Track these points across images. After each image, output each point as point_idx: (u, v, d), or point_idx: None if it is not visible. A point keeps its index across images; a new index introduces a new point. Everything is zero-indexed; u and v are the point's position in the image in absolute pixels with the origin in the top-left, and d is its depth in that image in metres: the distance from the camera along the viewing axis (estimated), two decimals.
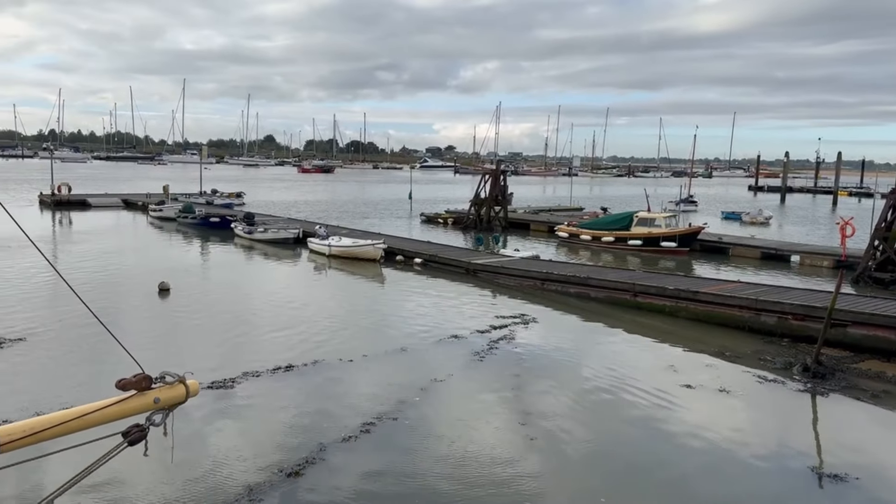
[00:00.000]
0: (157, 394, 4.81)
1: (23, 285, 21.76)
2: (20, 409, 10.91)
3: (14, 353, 14.49)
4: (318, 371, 14.02)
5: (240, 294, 22.47)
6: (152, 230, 40.32)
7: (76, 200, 51.61)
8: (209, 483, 9.05)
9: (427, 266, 27.96)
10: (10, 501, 8.15)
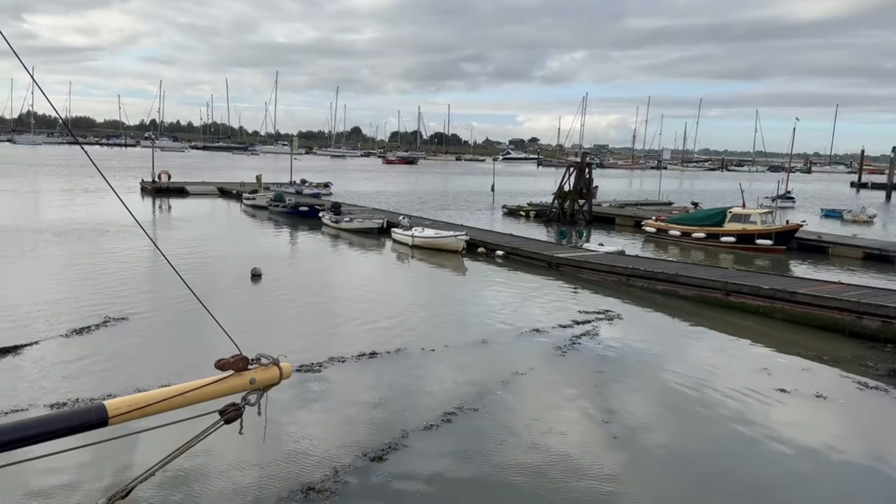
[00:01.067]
0: (252, 374, 4.99)
1: (124, 267, 23.07)
2: (122, 385, 11.59)
3: (117, 331, 15.38)
4: (401, 359, 14.22)
5: (326, 281, 23.06)
6: (245, 218, 41.90)
7: (175, 188, 54.22)
8: (298, 462, 9.36)
9: (508, 259, 27.85)
10: (115, 473, 8.67)
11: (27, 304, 17.22)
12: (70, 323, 15.41)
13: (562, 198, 43.74)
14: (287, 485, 8.75)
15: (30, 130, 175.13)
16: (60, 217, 36.22)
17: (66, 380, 12.09)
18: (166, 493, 8.28)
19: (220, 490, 8.57)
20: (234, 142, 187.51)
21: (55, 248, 26.44)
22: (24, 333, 14.45)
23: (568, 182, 43.74)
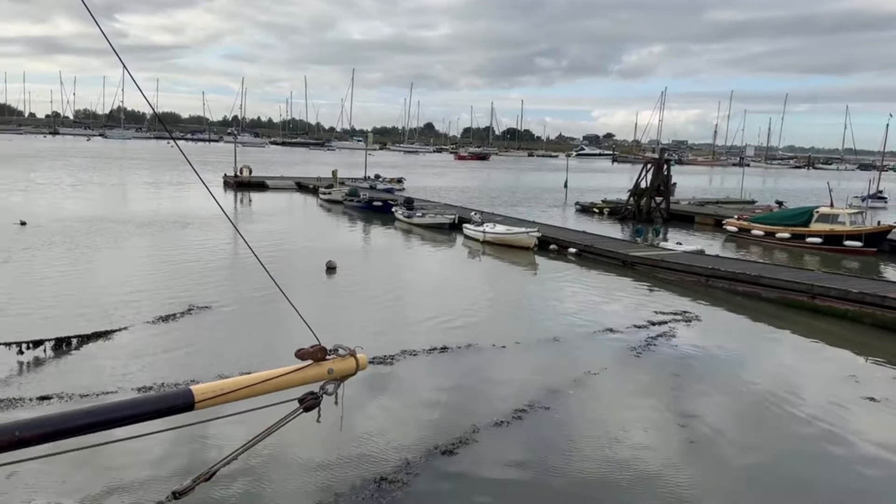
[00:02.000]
0: (330, 365, 5.08)
1: (206, 258, 23.98)
2: (204, 371, 12.05)
3: (200, 319, 15.99)
4: (472, 354, 14.24)
5: (398, 275, 23.32)
6: (321, 212, 42.83)
7: (256, 182, 55.92)
8: (371, 452, 9.51)
9: (581, 256, 27.47)
10: (198, 455, 9.02)
11: (116, 291, 18.13)
12: (156, 310, 16.12)
13: (638, 195, 42.78)
14: (360, 474, 8.91)
15: (120, 125, 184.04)
16: (145, 209, 37.94)
17: (152, 364, 12.66)
18: (247, 476, 8.57)
19: (297, 475, 8.81)
20: (311, 138, 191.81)
21: (140, 239, 27.72)
22: (114, 320, 15.20)
23: (645, 179, 42.75)
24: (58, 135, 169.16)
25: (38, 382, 11.49)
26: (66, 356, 12.85)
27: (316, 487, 8.57)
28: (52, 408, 10.26)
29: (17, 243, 24.52)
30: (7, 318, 15.08)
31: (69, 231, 27.80)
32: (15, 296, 17.25)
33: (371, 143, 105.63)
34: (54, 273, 20.26)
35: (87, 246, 24.99)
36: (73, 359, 12.80)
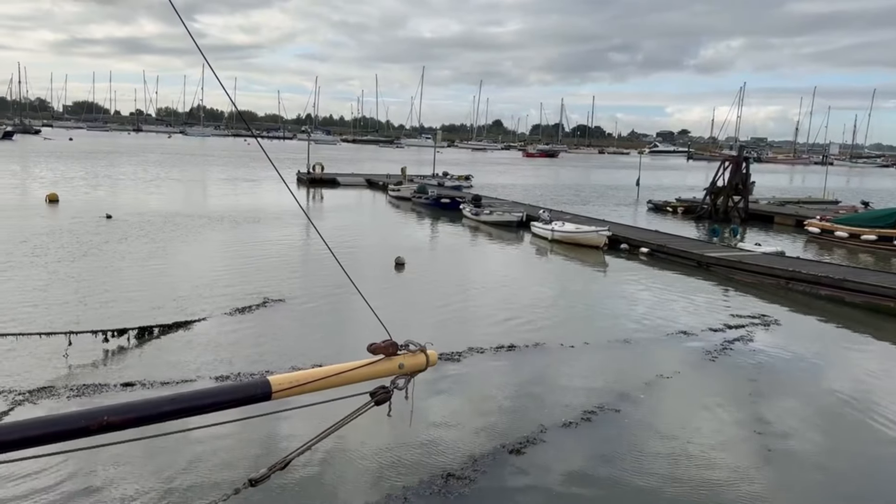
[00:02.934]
0: (401, 360, 5.11)
1: (280, 252, 24.60)
2: (278, 362, 12.36)
3: (275, 311, 16.41)
4: (540, 354, 14.11)
5: (466, 272, 23.34)
6: (390, 208, 43.32)
7: (328, 179, 57.06)
8: (439, 448, 9.55)
9: (654, 256, 26.83)
10: (273, 445, 9.26)
11: (195, 283, 18.80)
12: (233, 302, 16.63)
13: (715, 193, 41.48)
14: (428, 468, 8.95)
15: (199, 123, 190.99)
16: (220, 204, 39.21)
17: (229, 354, 13.07)
18: (319, 466, 8.74)
19: (367, 467, 8.92)
20: (381, 135, 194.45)
21: (216, 233, 28.66)
22: (193, 310, 15.77)
23: (722, 177, 41.41)
24: (141, 132, 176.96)
25: (121, 369, 12.04)
26: (147, 344, 13.41)
27: (385, 479, 8.66)
28: (134, 394, 10.73)
29: (103, 236, 25.76)
30: (92, 307, 15.85)
31: (150, 224, 29.03)
32: (100, 286, 18.12)
33: (439, 141, 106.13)
34: (136, 264, 21.19)
35: (167, 239, 26.03)
36: (155, 347, 13.35)
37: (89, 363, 12.18)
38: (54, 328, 12.62)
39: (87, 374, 11.71)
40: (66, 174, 53.20)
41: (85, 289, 17.58)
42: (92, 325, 13.23)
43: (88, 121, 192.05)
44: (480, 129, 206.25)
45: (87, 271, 19.74)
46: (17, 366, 11.65)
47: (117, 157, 79.01)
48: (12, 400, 10.39)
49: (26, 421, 3.34)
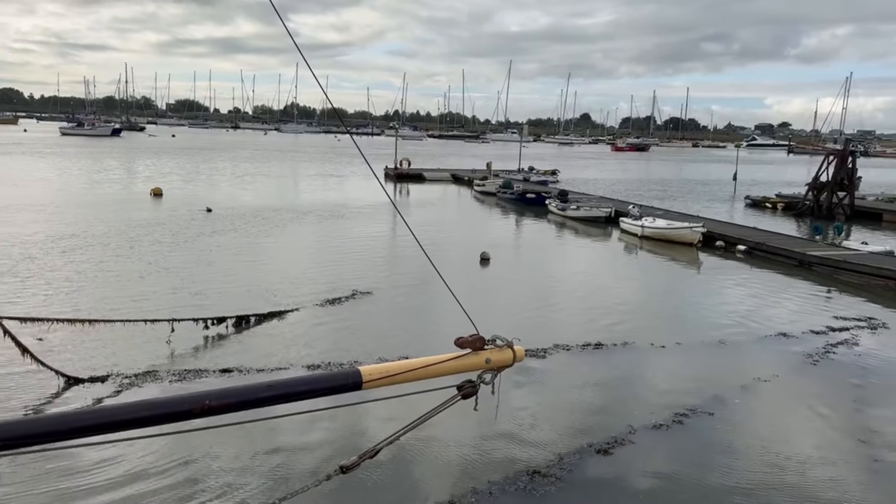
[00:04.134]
0: (488, 355, 5.10)
1: (367, 246, 25.08)
2: (366, 353, 12.61)
3: (363, 303, 16.75)
4: (628, 353, 13.79)
5: (552, 268, 23.09)
6: (475, 203, 43.40)
7: (414, 174, 57.76)
8: (524, 444, 9.50)
9: (751, 254, 25.70)
10: (360, 434, 9.46)
11: (288, 275, 19.45)
12: (324, 294, 17.09)
13: (818, 189, 39.30)
14: (513, 464, 8.92)
15: (293, 120, 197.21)
16: (311, 198, 40.31)
17: (320, 344, 13.45)
18: (407, 456, 8.86)
19: (453, 459, 8.98)
20: (466, 130, 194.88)
21: (307, 226, 29.52)
22: (286, 300, 16.30)
23: (826, 172, 39.17)
24: (238, 129, 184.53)
25: (219, 356, 12.59)
26: (244, 333, 13.98)
27: (470, 473, 8.69)
28: (232, 380, 11.20)
29: (202, 228, 27.02)
30: (192, 295, 16.64)
31: (246, 218, 30.22)
32: (198, 275, 19.03)
33: (525, 136, 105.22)
34: (232, 256, 22.12)
35: (260, 232, 27.03)
36: (251, 335, 13.89)
37: (190, 349, 12.81)
38: (158, 316, 13.31)
39: (187, 359, 12.32)
40: (169, 169, 56.13)
41: (185, 278, 18.51)
42: (192, 313, 13.88)
43: (190, 118, 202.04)
44: (567, 122, 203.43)
45: (187, 261, 20.77)
46: (124, 351, 12.38)
47: (216, 153, 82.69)
48: (120, 383, 11.06)
49: (136, 403, 3.53)
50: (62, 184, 42.86)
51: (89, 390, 10.74)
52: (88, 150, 76.05)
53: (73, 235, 23.96)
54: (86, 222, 26.97)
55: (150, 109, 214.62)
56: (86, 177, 48.24)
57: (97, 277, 18.21)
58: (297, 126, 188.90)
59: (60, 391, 10.67)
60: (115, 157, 69.42)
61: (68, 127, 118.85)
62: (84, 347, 12.34)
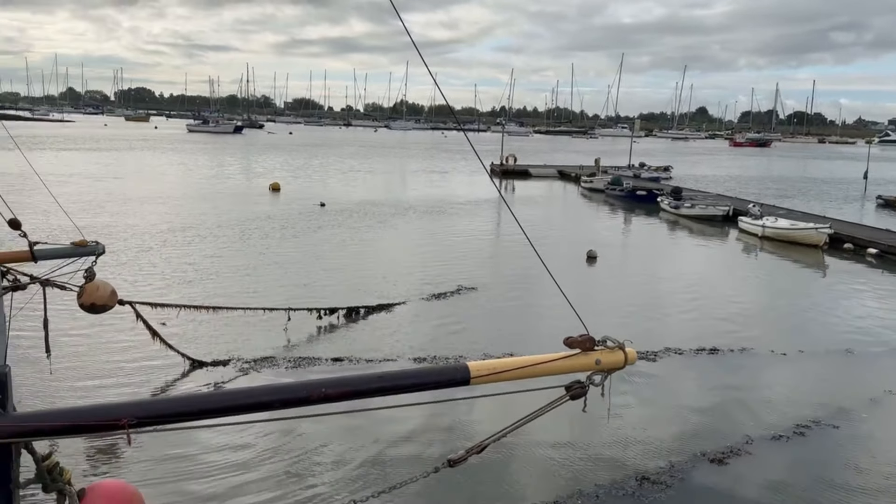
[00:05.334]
0: (598, 356, 4.98)
1: (471, 242, 25.24)
2: (471, 349, 12.66)
3: (468, 299, 16.84)
4: (745, 359, 13.12)
5: (663, 268, 22.33)
6: (582, 200, 42.65)
7: (520, 170, 57.46)
8: (633, 448, 9.26)
9: (884, 258, 23.82)
10: (465, 429, 9.53)
11: (395, 269, 19.87)
12: (430, 288, 17.32)
13: None
14: (621, 468, 8.71)
15: (402, 117, 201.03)
16: (417, 194, 40.87)
17: (426, 337, 13.65)
18: (512, 453, 8.83)
19: (559, 459, 8.87)
20: (574, 126, 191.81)
21: (412, 221, 29.99)
22: (394, 294, 16.64)
23: None
24: (350, 126, 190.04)
25: (332, 345, 13.03)
26: (354, 323, 14.40)
27: (576, 474, 8.56)
28: (343, 369, 11.57)
29: (317, 222, 28.06)
30: (304, 287, 17.30)
31: (356, 213, 31.10)
32: (311, 267, 19.80)
33: (637, 130, 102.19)
34: (342, 249, 22.84)
35: (368, 226, 27.75)
36: (361, 327, 14.30)
37: (304, 338, 13.34)
38: (274, 305, 13.93)
39: (302, 347, 12.84)
40: (286, 165, 58.64)
41: (299, 269, 19.31)
42: (305, 303, 14.43)
43: (305, 116, 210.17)
44: (682, 117, 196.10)
45: (298, 254, 21.64)
46: (243, 337, 13.06)
47: (328, 149, 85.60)
48: (240, 367, 11.68)
49: (257, 387, 3.70)
50: (186, 178, 45.74)
51: (211, 373, 11.41)
52: (212, 147, 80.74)
53: (193, 227, 25.51)
54: (206, 215, 28.65)
55: (269, 108, 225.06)
56: (209, 171, 51.27)
57: (214, 267, 19.29)
58: (405, 123, 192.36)
59: (186, 373, 11.39)
60: (236, 153, 73.33)
61: (194, 124, 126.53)
62: (205, 333, 13.10)
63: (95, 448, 8.53)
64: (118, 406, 3.43)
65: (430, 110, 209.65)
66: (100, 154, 62.50)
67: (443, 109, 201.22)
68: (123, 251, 20.20)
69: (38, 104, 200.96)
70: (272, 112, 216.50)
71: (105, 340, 12.33)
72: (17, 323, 8.79)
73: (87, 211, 27.17)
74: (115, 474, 7.89)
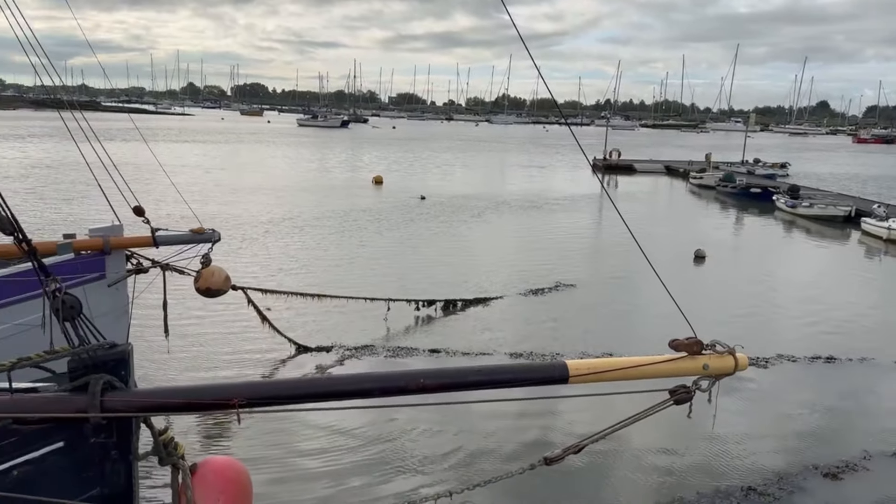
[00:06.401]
0: (706, 360, 4.79)
1: (570, 238, 24.87)
2: (567, 346, 12.46)
3: (566, 296, 16.58)
4: (866, 369, 12.24)
5: (778, 271, 21.16)
6: (690, 197, 41.08)
7: (624, 165, 56.02)
8: (739, 458, 8.82)
9: None
10: (561, 428, 9.39)
11: (492, 262, 19.89)
12: (527, 283, 17.17)
13: None
14: (726, 478, 8.33)
15: (503, 111, 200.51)
16: (515, 188, 40.58)
17: (523, 333, 13.55)
18: (610, 456, 8.60)
19: (659, 465, 8.57)
20: (683, 119, 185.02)
21: (510, 216, 29.81)
22: (491, 288, 16.61)
23: None
24: (451, 120, 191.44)
25: (429, 336, 13.18)
26: (451, 316, 14.50)
27: (677, 482, 8.25)
28: (439, 361, 11.68)
29: (417, 215, 28.47)
30: (405, 278, 17.55)
31: (455, 206, 31.29)
32: (410, 258, 20.13)
33: (751, 125, 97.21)
34: (441, 241, 23.06)
35: (467, 220, 27.85)
36: (457, 319, 14.38)
37: (402, 328, 13.56)
38: (373, 295, 14.22)
39: (400, 337, 13.06)
40: (389, 158, 59.83)
41: (398, 261, 19.68)
42: (405, 294, 14.66)
43: (409, 111, 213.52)
44: (801, 111, 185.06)
45: (400, 245, 22.03)
46: (344, 325, 13.43)
47: (429, 143, 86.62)
48: (341, 354, 12.02)
49: (359, 375, 3.79)
50: (293, 170, 47.51)
51: (315, 358, 11.80)
52: (319, 140, 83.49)
53: (297, 217, 26.46)
54: (310, 206, 29.63)
55: (375, 102, 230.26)
56: (316, 164, 53.05)
57: (316, 256, 19.94)
58: (506, 117, 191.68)
59: (291, 357, 11.84)
60: (342, 146, 75.49)
61: (304, 119, 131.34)
62: (308, 319, 13.54)
63: (205, 425, 9.00)
64: (230, 387, 3.62)
65: (532, 104, 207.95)
66: (212, 146, 66.06)
67: (545, 103, 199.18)
68: (229, 240, 21.24)
69: (161, 98, 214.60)
70: (377, 107, 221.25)
71: (217, 323, 12.99)
72: (137, 304, 9.44)
73: (195, 200, 28.76)
74: (223, 451, 8.31)
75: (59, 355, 3.33)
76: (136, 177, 31.02)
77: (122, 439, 3.34)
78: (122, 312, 8.93)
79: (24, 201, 26.38)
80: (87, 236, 9.09)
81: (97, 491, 3.32)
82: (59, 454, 3.22)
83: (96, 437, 3.25)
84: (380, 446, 8.77)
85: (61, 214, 24.61)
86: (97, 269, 8.67)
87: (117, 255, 8.93)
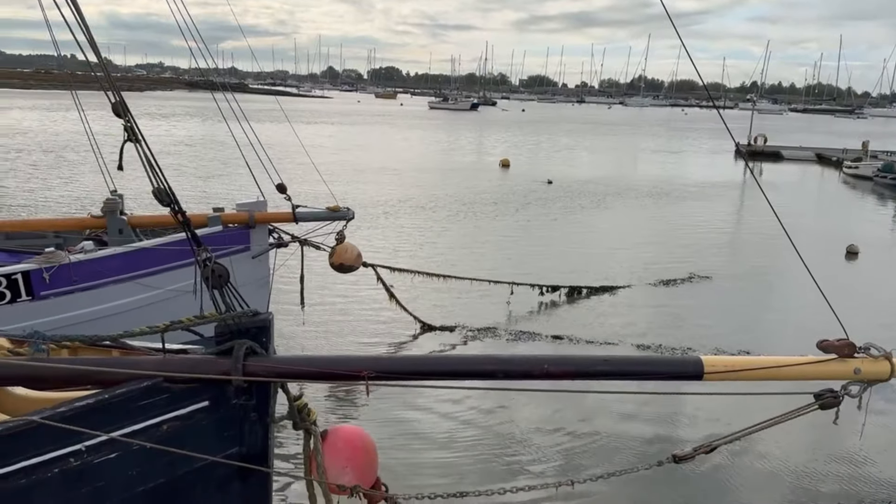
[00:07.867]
0: (858, 364, 4.44)
1: (707, 228, 23.70)
2: (699, 341, 11.89)
3: (701, 288, 15.82)
4: None
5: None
6: (843, 188, 38.01)
7: (770, 152, 52.64)
8: (886, 470, 8.11)
9: None
10: (691, 426, 9.02)
11: (620, 250, 19.34)
12: (658, 273, 16.51)
13: None
14: (871, 491, 7.68)
15: (639, 94, 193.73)
16: (647, 175, 39.00)
17: (651, 324, 13.09)
18: (743, 458, 8.13)
19: (798, 472, 8.00)
20: (838, 104, 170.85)
21: (641, 203, 28.76)
22: (618, 276, 16.13)
23: None
24: (583, 103, 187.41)
25: (552, 322, 13.03)
26: (575, 303, 14.25)
27: (815, 493, 7.70)
28: (562, 347, 11.51)
29: (544, 198, 28.18)
30: (529, 262, 17.39)
31: (583, 191, 30.64)
32: (533, 242, 19.98)
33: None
34: (566, 226, 22.73)
35: (594, 205, 27.25)
36: (581, 306, 14.11)
37: (525, 312, 13.49)
38: (499, 278, 14.21)
39: (522, 321, 13.01)
40: (517, 141, 59.53)
41: (523, 244, 19.62)
42: (529, 278, 14.55)
43: (539, 93, 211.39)
44: None
45: (525, 229, 21.94)
46: (468, 305, 13.55)
47: (559, 126, 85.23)
48: (465, 334, 12.15)
49: (485, 356, 3.81)
50: (422, 152, 48.34)
51: (438, 337, 12.01)
52: (450, 123, 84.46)
53: (423, 197, 26.87)
54: (437, 187, 30.02)
55: (505, 85, 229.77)
56: (445, 145, 53.73)
57: (441, 237, 20.20)
58: (642, 99, 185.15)
59: (416, 335, 12.11)
60: (471, 129, 75.96)
61: (435, 101, 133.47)
62: (433, 299, 13.75)
63: (334, 395, 9.41)
64: (361, 359, 3.76)
65: (671, 86, 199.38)
66: (346, 127, 68.55)
67: (683, 85, 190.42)
68: (358, 218, 22.01)
69: (302, 81, 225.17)
70: (507, 89, 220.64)
71: (347, 298, 13.52)
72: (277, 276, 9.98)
73: (327, 180, 29.98)
74: (350, 420, 8.65)
75: (208, 320, 3.56)
76: (273, 156, 32.81)
77: (261, 402, 3.55)
78: (263, 283, 9.50)
79: (169, 177, 28.59)
80: (234, 210, 9.72)
81: (236, 450, 3.55)
82: (203, 412, 3.46)
83: (238, 398, 3.46)
84: (502, 428, 8.78)
85: (198, 191, 26.35)
86: (242, 241, 9.27)
87: (261, 229, 9.50)
